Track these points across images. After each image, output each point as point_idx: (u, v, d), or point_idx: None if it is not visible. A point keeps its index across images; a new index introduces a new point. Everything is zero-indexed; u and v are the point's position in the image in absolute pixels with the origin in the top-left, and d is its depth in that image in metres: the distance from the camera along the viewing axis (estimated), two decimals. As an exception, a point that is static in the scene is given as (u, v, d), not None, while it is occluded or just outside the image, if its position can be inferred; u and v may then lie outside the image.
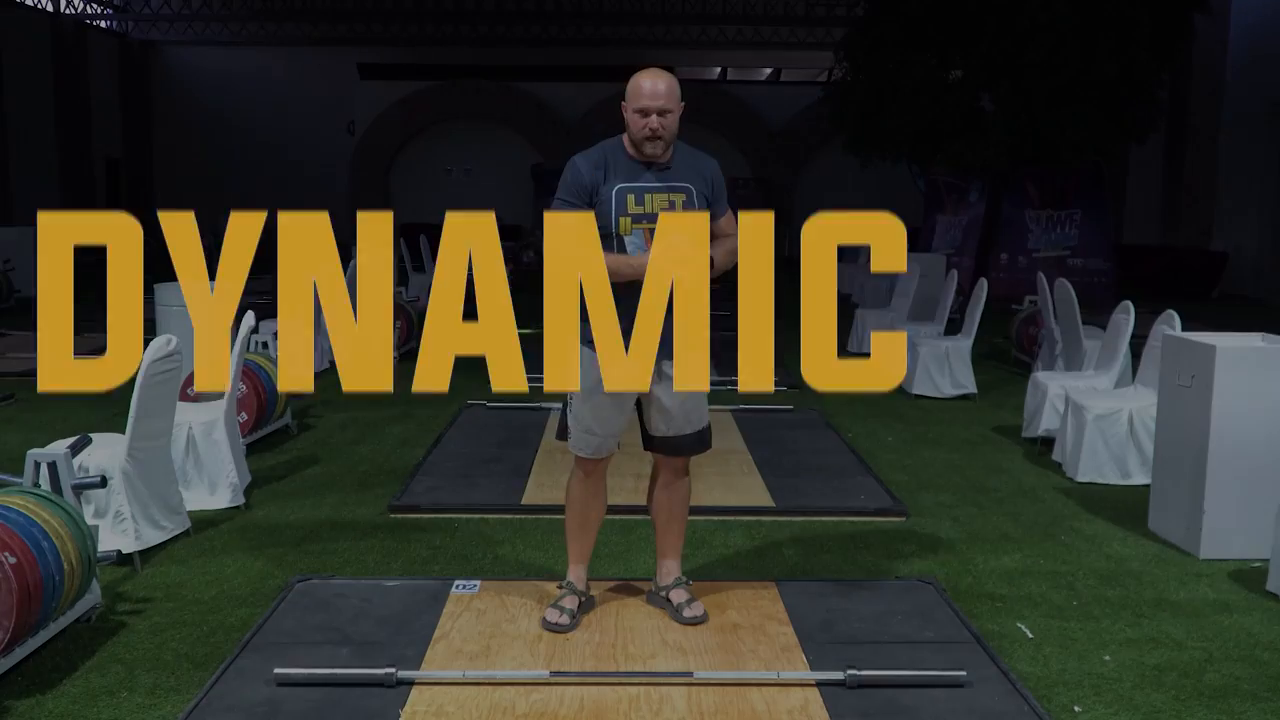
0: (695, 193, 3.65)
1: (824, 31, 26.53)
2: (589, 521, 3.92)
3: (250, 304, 4.95)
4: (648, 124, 3.55)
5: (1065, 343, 7.96)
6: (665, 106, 3.55)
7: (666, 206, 3.59)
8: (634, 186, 3.60)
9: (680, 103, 3.61)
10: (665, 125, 3.56)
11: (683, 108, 3.63)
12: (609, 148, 3.69)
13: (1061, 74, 15.39)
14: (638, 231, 3.58)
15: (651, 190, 3.61)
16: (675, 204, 3.61)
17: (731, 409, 7.62)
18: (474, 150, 26.95)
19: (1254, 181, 18.08)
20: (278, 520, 5.20)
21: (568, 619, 3.81)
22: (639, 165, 3.63)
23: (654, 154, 3.60)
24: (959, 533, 5.14)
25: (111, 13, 27.91)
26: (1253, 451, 4.73)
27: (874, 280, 14.72)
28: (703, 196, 3.67)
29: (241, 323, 5.74)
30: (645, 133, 3.55)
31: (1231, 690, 3.49)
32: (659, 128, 3.55)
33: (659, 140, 3.57)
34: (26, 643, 3.46)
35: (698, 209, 3.63)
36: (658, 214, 3.56)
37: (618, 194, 3.59)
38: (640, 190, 3.60)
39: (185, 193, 29.51)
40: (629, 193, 3.60)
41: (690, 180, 3.66)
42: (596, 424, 3.73)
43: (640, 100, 3.56)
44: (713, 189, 3.72)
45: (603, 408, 3.71)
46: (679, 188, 3.64)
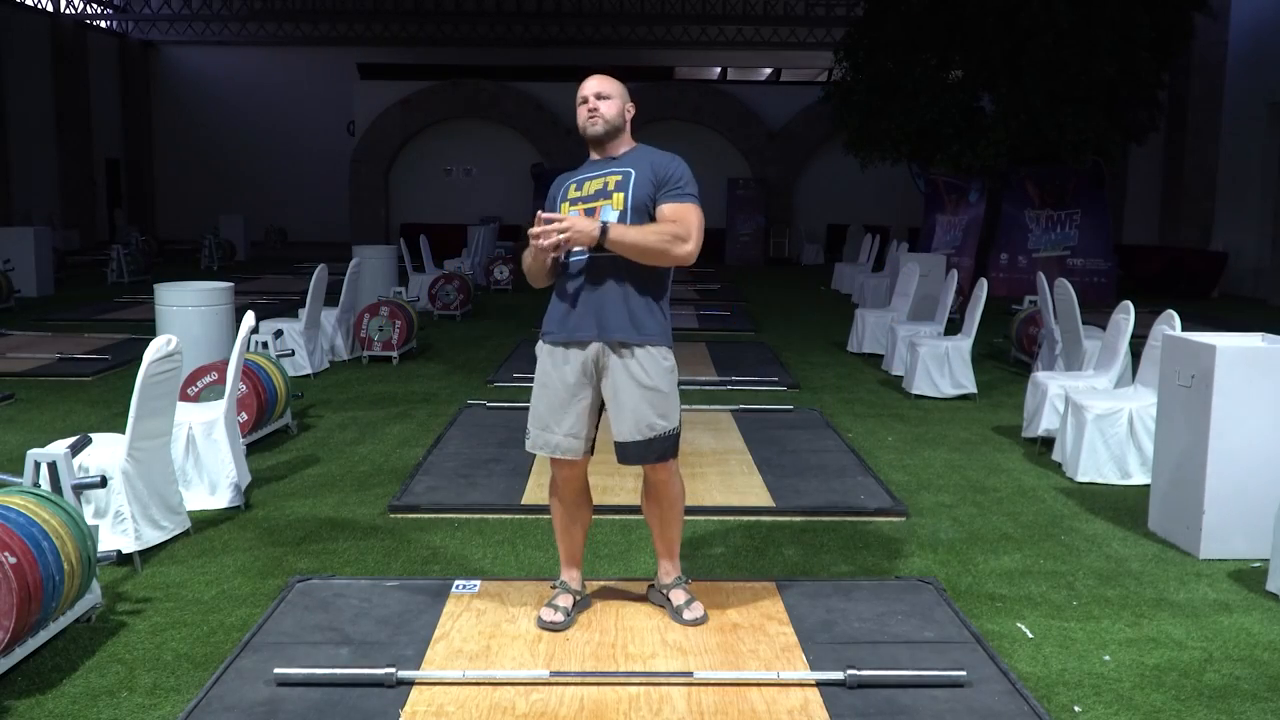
0: (635, 175, 3.68)
1: (824, 31, 26.54)
2: (574, 523, 3.91)
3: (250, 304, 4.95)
4: (585, 107, 3.72)
5: (1065, 343, 7.96)
6: (600, 90, 3.73)
7: (600, 187, 3.70)
8: (578, 175, 3.79)
9: (623, 94, 3.77)
10: (602, 108, 3.70)
11: (630, 106, 3.78)
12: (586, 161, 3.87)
13: (1061, 74, 15.40)
14: (573, 213, 3.67)
15: (592, 177, 3.74)
16: (608, 183, 3.69)
17: (731, 409, 7.63)
18: (474, 150, 26.93)
19: (1254, 181, 18.08)
20: (278, 520, 5.20)
21: (563, 617, 3.82)
22: (594, 163, 3.80)
23: (596, 134, 3.71)
24: (959, 533, 5.14)
25: (111, 13, 27.91)
26: (1253, 451, 4.73)
27: (874, 280, 14.72)
28: (645, 181, 3.67)
29: (241, 322, 5.74)
30: (584, 116, 3.73)
31: (1231, 690, 3.49)
32: (596, 107, 3.70)
33: (598, 118, 3.69)
34: (26, 643, 3.46)
35: (632, 188, 3.66)
36: (591, 194, 3.70)
37: (564, 184, 3.79)
38: (582, 179, 3.76)
39: (185, 193, 29.56)
40: (571, 181, 3.80)
41: (633, 165, 3.71)
42: (552, 419, 3.73)
43: (580, 93, 3.77)
44: (660, 176, 3.69)
45: (557, 402, 3.71)
46: (617, 171, 3.72)
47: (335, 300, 9.86)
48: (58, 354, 9.81)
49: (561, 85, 26.08)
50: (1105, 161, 17.01)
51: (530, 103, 25.99)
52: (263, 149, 29.36)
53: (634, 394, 3.65)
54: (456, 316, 13.19)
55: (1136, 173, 21.21)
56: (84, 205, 26.19)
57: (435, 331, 11.99)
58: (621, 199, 3.64)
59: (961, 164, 16.88)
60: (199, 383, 6.16)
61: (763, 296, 16.59)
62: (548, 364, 3.75)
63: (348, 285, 10.06)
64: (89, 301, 14.32)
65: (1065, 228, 17.12)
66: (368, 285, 11.21)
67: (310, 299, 9.15)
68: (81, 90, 25.95)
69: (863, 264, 17.31)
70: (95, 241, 25.70)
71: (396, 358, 9.82)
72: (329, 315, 9.73)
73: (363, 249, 11.79)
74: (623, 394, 3.66)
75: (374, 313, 9.84)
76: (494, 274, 16.83)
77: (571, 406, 3.70)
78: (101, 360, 9.53)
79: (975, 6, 15.85)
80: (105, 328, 11.92)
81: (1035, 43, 15.28)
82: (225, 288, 7.58)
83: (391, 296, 10.35)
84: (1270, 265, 17.19)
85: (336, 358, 9.85)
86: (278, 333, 8.65)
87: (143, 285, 15.70)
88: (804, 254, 24.61)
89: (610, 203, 3.65)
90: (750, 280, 19.40)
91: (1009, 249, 17.39)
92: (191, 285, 7.55)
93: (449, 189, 27.08)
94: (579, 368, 3.69)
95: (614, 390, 3.68)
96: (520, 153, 26.29)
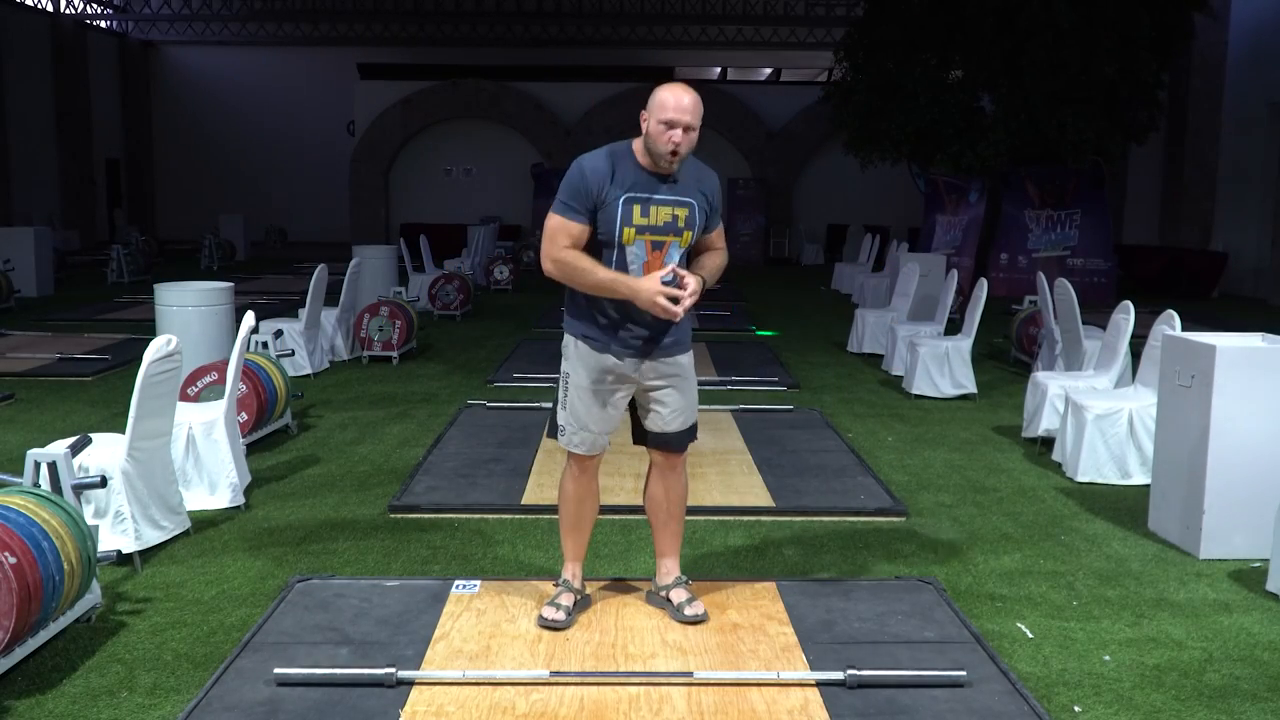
0: (698, 207, 3.66)
1: (824, 31, 26.54)
2: (583, 519, 3.92)
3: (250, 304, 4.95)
4: (671, 137, 3.49)
5: (1065, 343, 7.96)
6: (692, 123, 3.52)
7: (670, 220, 3.60)
8: (640, 197, 3.56)
9: (700, 123, 3.59)
10: (687, 141, 3.54)
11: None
12: (618, 152, 3.63)
13: (1061, 74, 15.41)
14: (640, 242, 3.58)
15: (657, 203, 3.59)
16: (679, 217, 3.61)
17: (731, 409, 7.63)
18: (474, 150, 26.93)
19: (1254, 181, 18.08)
20: (278, 520, 5.20)
21: (564, 616, 3.82)
22: (647, 175, 3.59)
23: (669, 170, 3.59)
24: (959, 533, 5.14)
25: (111, 13, 27.91)
26: (1253, 451, 4.73)
27: (874, 280, 14.72)
28: (703, 212, 3.69)
29: (241, 322, 5.74)
30: (669, 146, 3.50)
31: (1231, 690, 3.49)
32: (681, 142, 3.51)
33: (677, 156, 3.54)
34: (26, 643, 3.46)
35: (698, 223, 3.66)
36: (661, 225, 3.58)
37: (624, 203, 3.55)
38: (646, 202, 3.57)
39: (185, 193, 29.56)
40: (635, 203, 3.56)
41: (694, 195, 3.66)
42: (591, 420, 3.74)
43: (667, 112, 3.49)
44: (711, 204, 3.74)
45: (597, 403, 3.72)
46: (684, 202, 3.63)
47: (335, 300, 9.86)
48: (58, 354, 9.81)
49: (561, 85, 26.11)
50: (1105, 161, 17.02)
51: (530, 103, 25.98)
52: (263, 149, 29.36)
53: (672, 393, 3.77)
54: (456, 316, 13.19)
55: (1136, 173, 21.21)
56: (84, 205, 26.19)
57: (435, 331, 11.99)
58: (689, 237, 3.65)
59: (961, 164, 16.89)
60: (199, 383, 6.16)
61: (763, 297, 16.60)
62: (588, 368, 3.70)
63: (348, 285, 10.06)
64: (89, 301, 14.32)
65: (1065, 228, 17.12)
66: (368, 285, 11.21)
67: (310, 299, 9.15)
68: (81, 90, 25.95)
69: (863, 264, 17.32)
70: (95, 241, 25.69)
71: (396, 358, 9.82)
72: (329, 315, 9.73)
73: (363, 249, 11.79)
74: (662, 391, 3.75)
75: (374, 313, 9.84)
76: (494, 274, 16.83)
77: (610, 408, 3.75)
78: (101, 360, 9.53)
79: (975, 6, 15.86)
80: (105, 328, 11.92)
81: (1035, 43, 15.28)
82: (225, 288, 7.58)
83: (391, 296, 10.35)
84: (1270, 265, 17.19)
85: (336, 358, 9.85)
86: (278, 333, 8.65)
87: (143, 285, 15.70)
88: (804, 254, 24.61)
89: (679, 240, 3.62)
90: (750, 280, 19.40)
91: (1009, 249, 17.39)
92: (191, 285, 7.55)
93: (449, 189, 27.07)
94: (621, 375, 3.71)
95: (652, 389, 3.75)
96: (520, 153, 26.29)
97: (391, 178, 27.06)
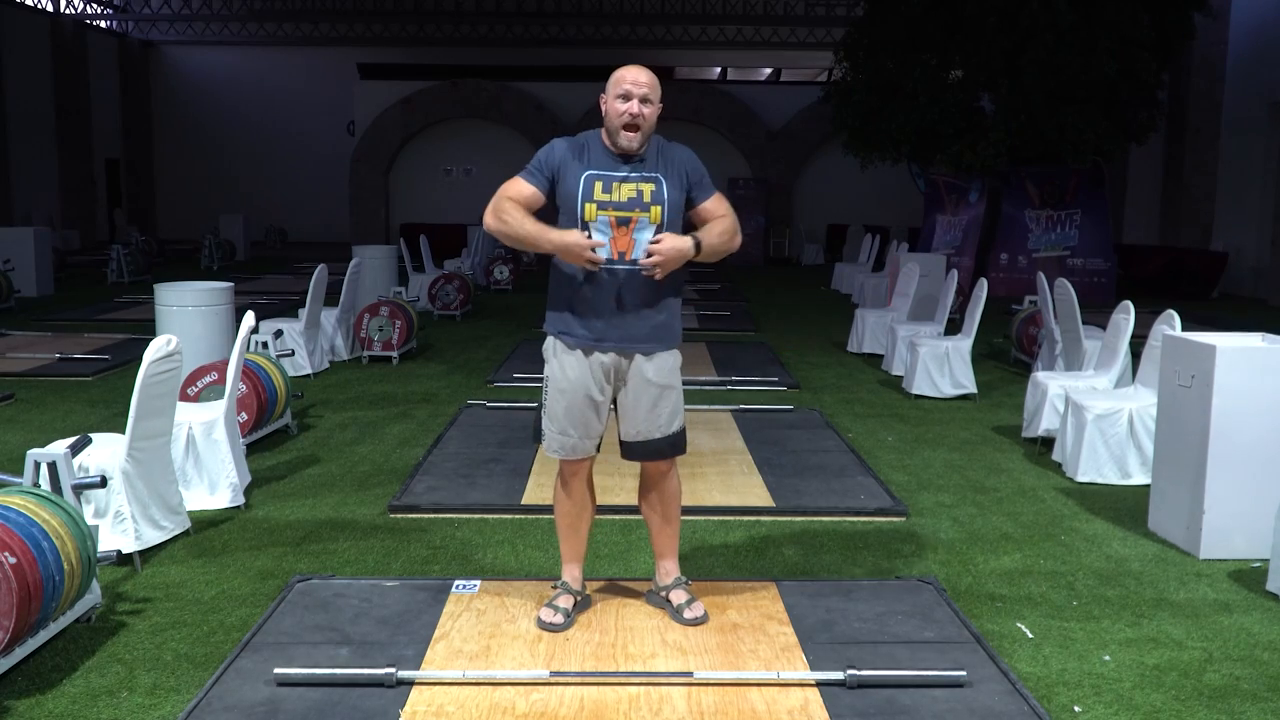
0: (665, 182, 3.65)
1: (824, 31, 26.54)
2: (578, 522, 3.91)
3: (250, 304, 4.95)
4: (628, 109, 3.56)
5: (1065, 343, 7.96)
6: (647, 95, 3.58)
7: (634, 195, 3.61)
8: (603, 174, 3.62)
9: (660, 100, 3.65)
10: (645, 115, 3.58)
11: (660, 109, 3.67)
12: (590, 136, 3.72)
13: (1061, 74, 15.40)
14: (603, 219, 3.59)
15: (619, 179, 3.62)
16: (644, 193, 3.62)
17: (731, 409, 7.63)
18: (474, 150, 26.92)
19: (1254, 181, 18.07)
20: (278, 520, 5.20)
21: (562, 618, 3.82)
22: (612, 156, 3.65)
23: (628, 146, 3.60)
24: (959, 533, 5.14)
25: (111, 13, 27.91)
26: (1253, 452, 4.73)
27: (874, 280, 14.72)
28: (675, 186, 3.67)
29: (241, 322, 5.74)
30: (625, 118, 3.57)
31: (1231, 690, 3.49)
32: (639, 114, 3.56)
33: (636, 131, 3.58)
34: (26, 643, 3.46)
35: (666, 199, 3.64)
36: (624, 201, 3.60)
37: (586, 179, 3.61)
38: (608, 179, 3.62)
39: (185, 193, 29.56)
40: (597, 179, 3.61)
41: (660, 170, 3.67)
42: (571, 424, 3.72)
43: (623, 85, 3.59)
44: (688, 176, 3.71)
45: (576, 406, 3.70)
46: (649, 177, 3.65)
47: (335, 300, 9.86)
48: (58, 354, 9.81)
49: (561, 85, 26.10)
50: (1105, 161, 17.02)
51: (530, 103, 25.98)
52: (263, 149, 29.36)
53: (651, 394, 3.71)
54: (456, 316, 13.19)
55: (1136, 173, 21.21)
56: (84, 205, 26.18)
57: (435, 331, 11.99)
58: (659, 212, 3.62)
59: (961, 164, 16.88)
60: (199, 383, 6.16)
61: (763, 297, 16.60)
62: (565, 367, 3.70)
63: (348, 285, 10.06)
64: (89, 301, 14.32)
65: (1065, 228, 17.13)
66: (368, 285, 11.21)
67: (310, 299, 9.15)
68: (81, 90, 25.95)
69: (863, 264, 17.32)
70: (95, 241, 25.70)
71: (396, 358, 9.82)
72: (329, 315, 9.73)
73: (363, 249, 11.79)
74: (640, 394, 3.71)
75: (374, 313, 9.84)
76: (494, 274, 16.84)
77: (590, 410, 3.71)
78: (101, 360, 9.53)
79: (975, 6, 15.85)
80: (105, 328, 11.92)
81: (1035, 43, 15.28)
82: (225, 288, 7.58)
83: (391, 296, 10.35)
84: (1270, 265, 17.19)
85: (336, 358, 9.85)
86: (278, 333, 8.65)
87: (143, 285, 15.70)
88: (804, 254, 24.60)
89: (648, 216, 3.61)
90: (750, 280, 19.40)
91: (1009, 249, 17.39)
92: (191, 285, 7.55)
93: (449, 189, 27.06)
94: (600, 373, 3.68)
95: (632, 391, 3.71)
96: (520, 153, 26.13)
97: (391, 178, 27.06)
